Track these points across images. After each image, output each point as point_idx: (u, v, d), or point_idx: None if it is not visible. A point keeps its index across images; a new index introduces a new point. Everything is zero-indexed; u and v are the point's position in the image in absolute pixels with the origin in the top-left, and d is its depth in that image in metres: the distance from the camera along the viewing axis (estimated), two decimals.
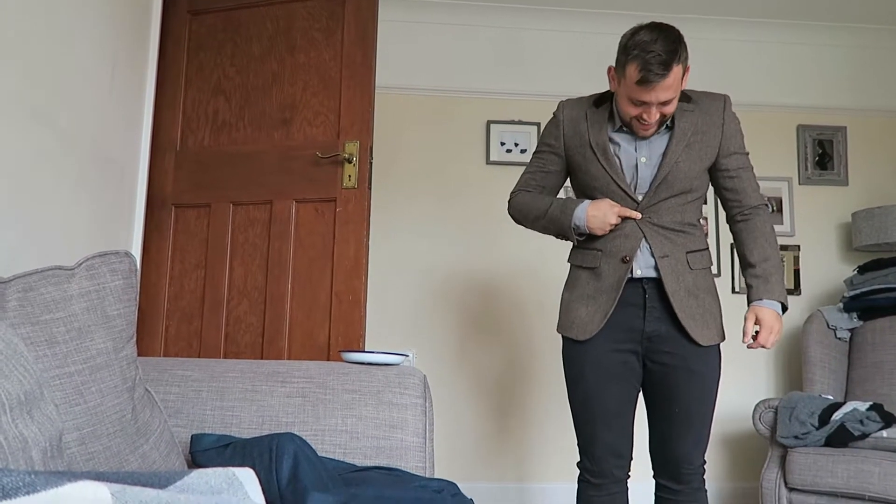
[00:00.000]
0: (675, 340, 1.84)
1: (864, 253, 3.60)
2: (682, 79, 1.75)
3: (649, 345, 1.86)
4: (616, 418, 1.87)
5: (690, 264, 1.85)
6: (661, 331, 1.85)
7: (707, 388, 1.87)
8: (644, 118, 1.77)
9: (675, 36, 1.72)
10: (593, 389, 1.86)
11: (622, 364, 1.86)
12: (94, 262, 1.18)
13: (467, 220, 3.57)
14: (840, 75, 3.79)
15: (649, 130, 1.81)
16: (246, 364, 1.62)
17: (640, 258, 1.84)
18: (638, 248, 1.83)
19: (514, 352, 3.49)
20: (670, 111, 1.78)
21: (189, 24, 2.64)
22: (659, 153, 1.84)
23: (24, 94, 1.63)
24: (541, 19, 3.66)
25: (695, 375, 1.85)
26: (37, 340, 1.06)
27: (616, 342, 1.85)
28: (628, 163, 1.85)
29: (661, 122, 1.79)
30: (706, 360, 1.86)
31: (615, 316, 1.84)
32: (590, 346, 1.87)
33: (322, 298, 2.39)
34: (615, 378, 1.86)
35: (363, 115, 2.44)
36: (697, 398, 1.86)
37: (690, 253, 1.86)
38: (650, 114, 1.75)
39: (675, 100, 1.76)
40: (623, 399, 1.87)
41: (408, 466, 1.49)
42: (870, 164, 3.75)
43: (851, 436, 2.55)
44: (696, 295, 1.85)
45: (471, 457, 3.41)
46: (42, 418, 0.80)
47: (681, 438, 1.87)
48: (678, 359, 1.85)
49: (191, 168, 2.55)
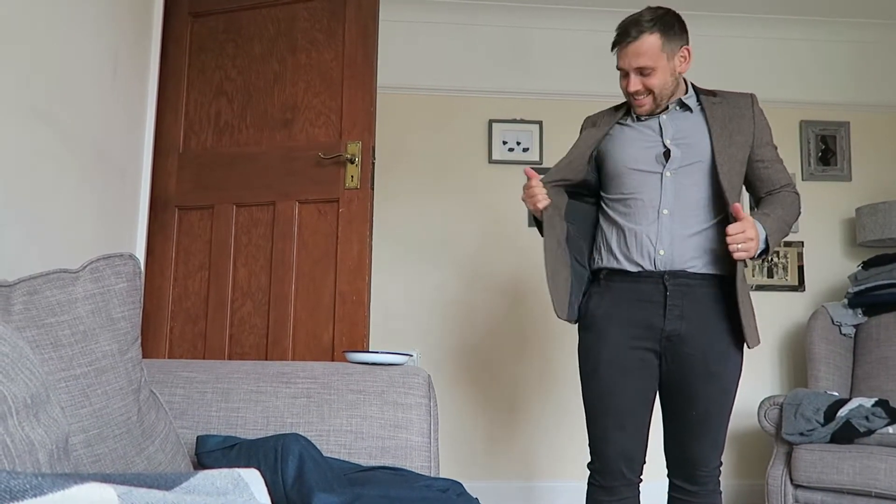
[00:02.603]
0: (695, 340, 1.80)
1: (868, 248, 3.59)
2: (661, 52, 1.79)
3: (668, 344, 1.82)
4: (630, 418, 1.83)
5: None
6: (681, 330, 1.81)
7: (726, 391, 1.83)
8: (624, 86, 1.86)
9: (663, 11, 1.82)
10: (607, 385, 1.83)
11: (640, 360, 1.83)
12: (98, 264, 1.18)
13: (470, 219, 3.57)
14: (843, 71, 3.78)
15: (642, 107, 1.86)
16: (250, 365, 1.62)
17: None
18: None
19: (519, 350, 3.49)
20: (654, 84, 1.81)
21: (190, 26, 2.64)
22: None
23: (27, 96, 1.64)
24: (542, 17, 3.66)
25: (713, 377, 1.80)
26: (42, 343, 1.06)
27: (634, 338, 1.83)
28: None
29: (653, 99, 1.84)
30: (726, 361, 1.82)
31: (634, 312, 1.83)
32: (607, 341, 1.84)
33: (326, 299, 2.39)
34: (631, 374, 1.82)
35: (365, 115, 2.44)
36: (716, 401, 1.82)
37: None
38: (629, 81, 1.83)
39: (659, 73, 1.81)
40: (639, 398, 1.83)
41: (413, 466, 1.49)
42: (873, 159, 3.74)
43: (857, 432, 2.54)
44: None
45: (476, 456, 3.41)
46: (48, 421, 0.80)
47: (698, 441, 1.83)
48: (698, 360, 1.81)
49: (193, 170, 2.56)
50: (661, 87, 1.82)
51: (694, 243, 1.82)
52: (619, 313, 1.84)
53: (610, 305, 1.86)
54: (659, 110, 1.88)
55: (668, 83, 1.83)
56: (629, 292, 1.84)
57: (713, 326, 1.81)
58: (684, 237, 1.81)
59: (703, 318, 1.81)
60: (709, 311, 1.81)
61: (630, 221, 1.85)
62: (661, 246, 1.81)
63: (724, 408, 1.83)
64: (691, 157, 1.83)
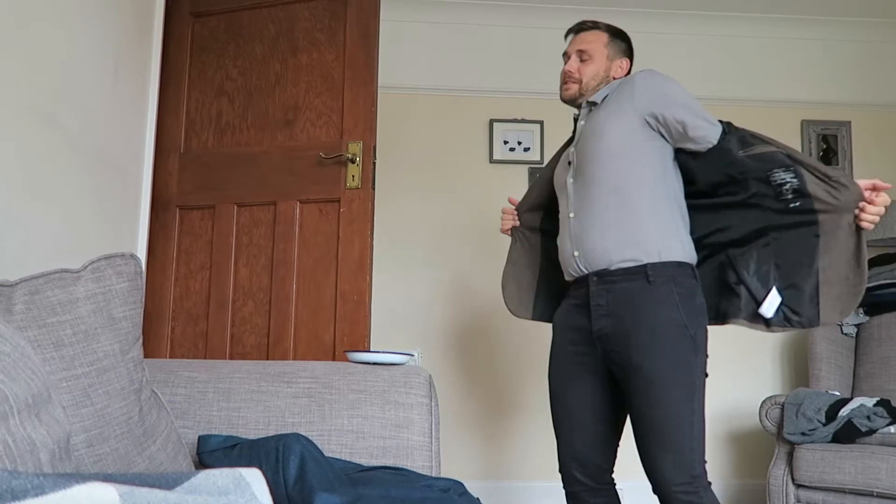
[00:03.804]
0: (619, 335, 1.72)
1: (870, 248, 3.58)
2: (605, 48, 1.96)
3: (601, 344, 1.77)
4: (576, 422, 1.81)
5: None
6: (607, 328, 1.75)
7: (653, 384, 1.65)
8: (562, 71, 2.00)
9: (618, 28, 2.02)
10: (553, 391, 1.88)
11: (579, 365, 1.81)
12: (99, 264, 1.18)
13: (471, 219, 3.56)
14: (844, 70, 3.78)
15: (567, 91, 1.98)
16: (252, 365, 1.62)
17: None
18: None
19: (520, 350, 3.49)
20: (586, 72, 1.95)
21: (191, 26, 2.64)
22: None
23: (28, 97, 1.64)
24: (543, 17, 3.66)
25: (636, 371, 1.67)
26: (44, 343, 1.06)
27: (572, 343, 1.84)
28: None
29: (579, 88, 1.96)
30: (650, 353, 1.66)
31: (571, 317, 1.87)
32: (554, 348, 1.91)
33: (327, 298, 2.39)
34: (571, 379, 1.83)
35: (366, 115, 2.44)
36: (645, 397, 1.66)
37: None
38: (567, 62, 1.99)
39: (594, 64, 1.94)
40: (583, 402, 1.80)
41: (414, 466, 1.49)
42: (874, 159, 3.74)
43: (859, 432, 2.54)
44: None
45: (477, 456, 3.41)
46: (50, 421, 0.80)
47: (646, 448, 1.68)
48: (622, 356, 1.71)
49: (195, 170, 2.56)
50: (591, 77, 1.94)
51: (604, 237, 1.77)
52: (564, 320, 1.89)
53: (560, 313, 1.93)
54: (578, 101, 1.97)
55: (599, 76, 1.95)
56: (571, 299, 1.88)
57: (633, 317, 1.70)
58: (593, 233, 1.79)
59: (628, 312, 1.72)
60: (631, 303, 1.72)
61: (559, 236, 1.93)
62: (574, 247, 1.83)
63: (659, 406, 1.64)
64: (586, 153, 1.85)
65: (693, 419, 1.65)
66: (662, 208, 1.77)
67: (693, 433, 1.65)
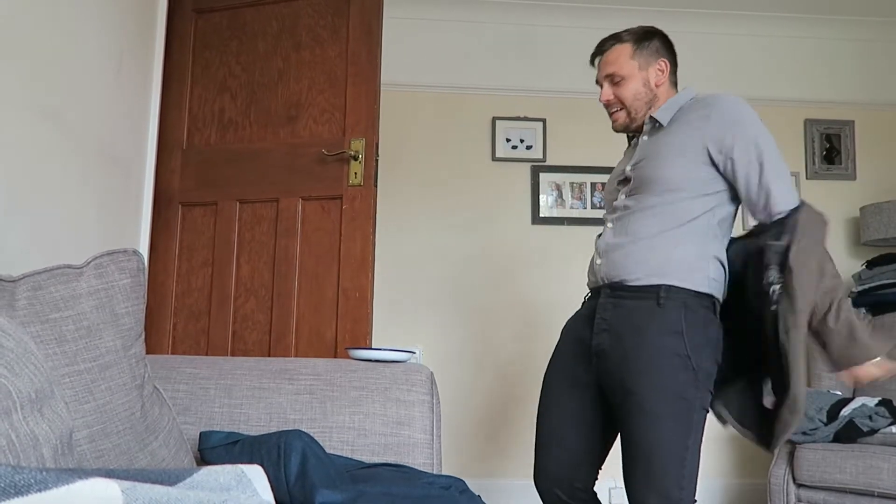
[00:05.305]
0: (616, 355, 1.63)
1: (872, 248, 3.58)
2: (632, 59, 1.74)
3: (597, 361, 1.67)
4: (555, 437, 1.74)
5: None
6: (605, 345, 1.65)
7: (646, 412, 1.56)
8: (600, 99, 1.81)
9: (644, 28, 1.80)
10: (543, 401, 1.80)
11: (573, 378, 1.74)
12: (102, 260, 1.18)
13: (473, 217, 3.56)
14: (847, 69, 3.77)
15: (616, 121, 1.80)
16: (253, 361, 1.62)
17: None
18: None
19: (521, 348, 3.49)
20: (625, 96, 1.75)
21: (194, 23, 2.64)
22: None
23: (31, 93, 1.64)
24: (546, 15, 3.65)
25: (629, 396, 1.58)
26: (46, 339, 1.06)
27: (573, 355, 1.75)
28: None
29: (627, 113, 1.77)
30: (646, 380, 1.57)
31: (577, 327, 1.78)
32: (554, 356, 1.83)
33: (329, 295, 2.39)
34: (562, 393, 1.75)
35: (369, 112, 2.44)
36: (637, 424, 1.57)
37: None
38: (602, 92, 1.79)
39: (630, 83, 1.74)
40: (569, 418, 1.73)
41: (415, 463, 1.50)
42: (878, 158, 3.73)
43: (860, 431, 2.54)
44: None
45: (479, 453, 3.41)
46: (52, 416, 0.80)
47: (630, 474, 1.60)
48: (616, 378, 1.63)
49: (197, 166, 2.56)
50: (633, 97, 1.75)
51: (630, 252, 1.67)
52: (571, 329, 1.81)
53: (569, 321, 1.83)
54: (635, 125, 1.79)
55: (641, 94, 1.75)
56: (583, 309, 1.80)
57: (632, 338, 1.61)
58: (621, 246, 1.69)
59: (629, 331, 1.62)
60: (634, 322, 1.62)
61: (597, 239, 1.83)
62: (601, 255, 1.73)
63: (650, 438, 1.55)
64: (643, 178, 1.71)
65: (686, 456, 1.55)
66: (700, 242, 1.66)
67: (684, 471, 1.55)
